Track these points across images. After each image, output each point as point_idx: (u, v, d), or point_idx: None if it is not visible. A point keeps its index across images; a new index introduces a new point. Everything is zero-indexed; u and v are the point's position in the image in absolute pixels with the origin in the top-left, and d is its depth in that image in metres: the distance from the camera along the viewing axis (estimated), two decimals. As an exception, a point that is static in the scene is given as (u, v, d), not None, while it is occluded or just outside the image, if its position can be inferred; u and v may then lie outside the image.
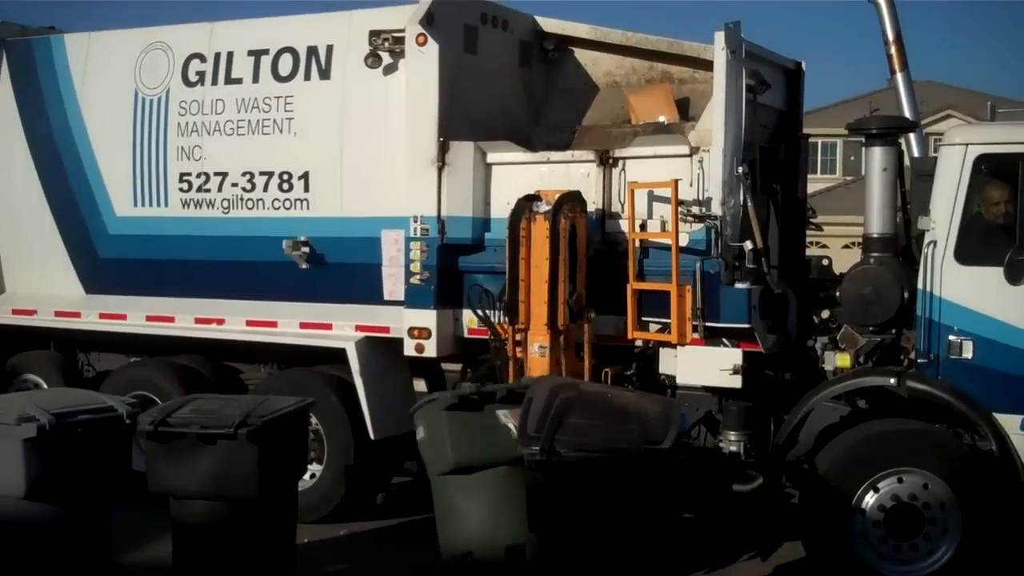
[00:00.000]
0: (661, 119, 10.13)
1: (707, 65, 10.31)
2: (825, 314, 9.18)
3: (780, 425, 9.15)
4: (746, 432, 9.01)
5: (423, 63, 9.69)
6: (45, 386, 11.65)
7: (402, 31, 9.77)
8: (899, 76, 9.69)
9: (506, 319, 9.25)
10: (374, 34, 9.87)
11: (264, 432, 7.41)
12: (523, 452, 7.03)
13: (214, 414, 7.57)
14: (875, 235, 8.59)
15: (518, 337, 9.12)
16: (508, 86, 10.74)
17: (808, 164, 10.15)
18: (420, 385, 10.67)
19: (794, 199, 9.81)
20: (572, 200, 9.13)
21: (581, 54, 11.04)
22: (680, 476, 7.51)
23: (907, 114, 9.75)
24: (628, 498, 7.10)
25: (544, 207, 9.01)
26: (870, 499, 8.00)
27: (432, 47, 9.65)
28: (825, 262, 10.22)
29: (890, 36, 9.70)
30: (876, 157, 8.60)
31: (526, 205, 9.08)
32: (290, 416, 7.87)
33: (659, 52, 10.67)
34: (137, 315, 11.19)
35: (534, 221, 8.97)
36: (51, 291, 11.73)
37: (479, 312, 9.48)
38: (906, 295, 8.32)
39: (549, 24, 10.95)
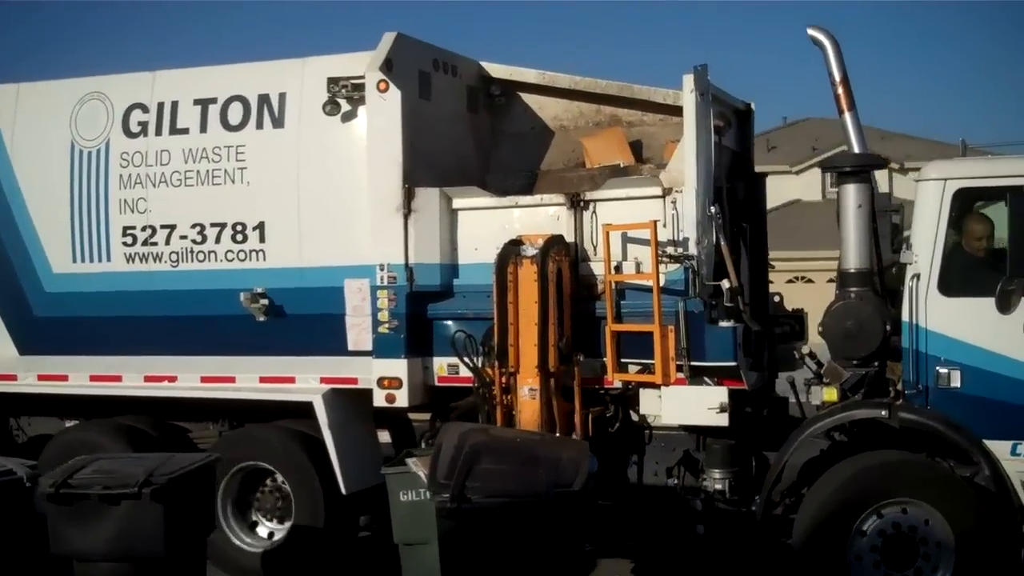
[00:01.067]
0: (617, 162, 10.18)
1: (656, 108, 10.57)
2: (805, 349, 9.31)
3: (760, 461, 9.29)
4: (730, 470, 9.07)
5: (385, 110, 9.57)
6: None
7: (362, 78, 9.64)
8: (847, 115, 9.85)
9: (491, 363, 9.17)
10: (332, 81, 9.72)
11: (169, 490, 7.30)
12: (433, 500, 7.07)
13: (116, 474, 7.45)
14: (852, 270, 8.76)
15: (505, 381, 9.07)
16: (459, 131, 10.68)
17: (766, 202, 10.31)
18: (384, 436, 10.54)
19: (758, 237, 9.94)
20: (558, 244, 9.17)
21: (528, 99, 11.04)
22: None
23: (856, 150, 9.93)
24: (540, 540, 7.10)
25: (531, 251, 9.04)
26: (868, 528, 8.14)
27: (394, 93, 9.55)
28: (776, 298, 10.44)
29: (836, 77, 9.88)
30: (850, 194, 8.79)
31: (512, 250, 9.09)
32: (196, 473, 7.76)
33: (607, 96, 10.75)
34: (80, 375, 10.75)
35: (521, 265, 8.96)
36: None
37: (466, 359, 9.35)
38: (888, 327, 8.49)
39: (495, 69, 10.93)
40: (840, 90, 9.87)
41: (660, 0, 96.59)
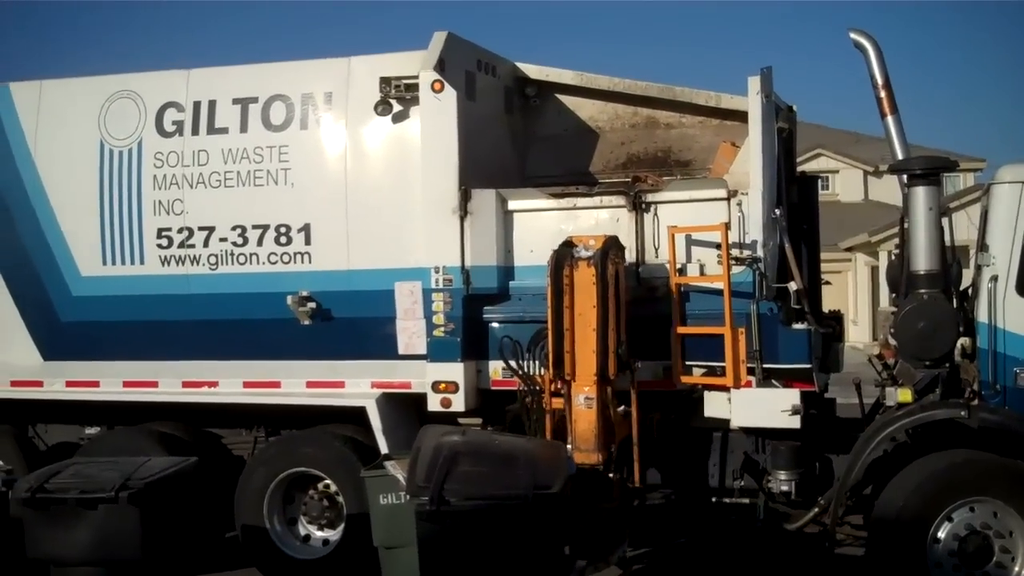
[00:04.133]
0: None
1: (694, 110, 10.56)
2: (875, 351, 9.36)
3: (823, 463, 9.32)
4: (796, 471, 9.08)
5: (441, 110, 9.45)
6: (3, 465, 10.70)
7: (415, 78, 9.50)
8: (890, 119, 9.96)
9: (542, 370, 9.01)
10: (384, 81, 9.56)
11: (146, 494, 7.26)
12: (412, 502, 7.00)
13: (93, 478, 7.40)
14: (922, 272, 8.82)
15: (556, 388, 8.87)
16: (498, 133, 10.59)
17: (818, 203, 10.36)
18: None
19: (811, 239, 9.99)
20: (615, 245, 8.99)
21: (562, 100, 10.97)
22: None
23: (899, 154, 10.04)
24: (519, 542, 7.06)
25: (586, 253, 8.79)
26: (945, 530, 8.20)
27: (450, 93, 9.43)
28: None
29: (879, 80, 9.97)
30: (920, 197, 8.85)
31: (567, 252, 8.84)
32: (174, 477, 7.70)
33: (646, 97, 10.71)
34: (112, 381, 10.46)
35: (577, 268, 8.69)
36: (1, 358, 10.85)
37: (513, 364, 9.22)
38: (960, 328, 8.58)
39: (531, 70, 10.84)
40: (883, 93, 9.97)
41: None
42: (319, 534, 10.08)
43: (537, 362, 9.16)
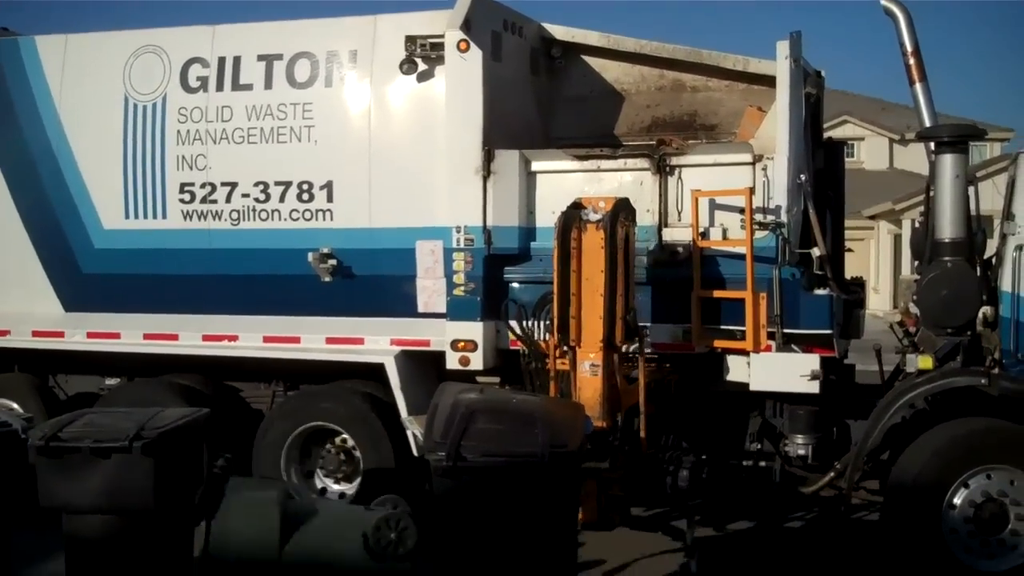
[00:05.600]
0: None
1: (722, 73, 10.48)
2: (896, 318, 9.34)
3: (841, 428, 9.33)
4: (814, 436, 9.08)
5: (466, 70, 9.42)
6: (21, 411, 10.79)
7: (441, 36, 9.47)
8: (918, 86, 9.89)
9: (547, 335, 8.84)
10: (410, 40, 9.53)
11: (159, 444, 7.20)
12: (429, 458, 6.97)
13: (107, 428, 7.33)
14: (947, 240, 8.78)
15: (560, 354, 8.61)
16: (524, 94, 10.53)
17: (844, 170, 10.31)
18: (448, 399, 10.42)
19: (836, 205, 9.95)
20: (625, 208, 8.70)
21: (588, 62, 10.91)
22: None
23: (927, 121, 9.96)
24: (534, 500, 6.97)
25: (594, 215, 8.47)
26: (961, 496, 8.19)
27: (475, 53, 9.39)
28: None
29: (908, 48, 9.89)
30: (947, 164, 8.79)
31: (575, 214, 8.52)
32: (186, 428, 7.62)
33: (673, 60, 10.64)
34: (133, 333, 10.52)
35: (585, 231, 8.38)
36: (23, 309, 10.94)
37: (517, 329, 9.14)
38: (984, 297, 8.55)
39: (558, 31, 10.77)
40: (912, 61, 9.90)
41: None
42: (335, 487, 10.13)
43: (543, 325, 9.01)
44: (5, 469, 7.76)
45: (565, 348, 8.51)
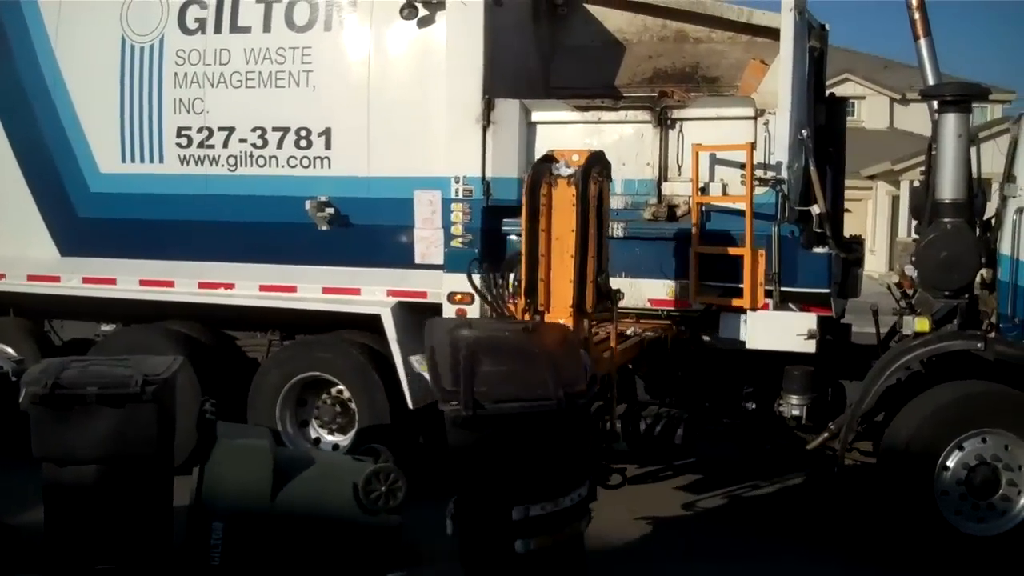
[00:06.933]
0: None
1: (725, 24, 10.36)
2: (893, 279, 9.29)
3: (836, 389, 9.31)
4: (809, 396, 9.05)
5: (467, 16, 9.31)
6: (14, 355, 10.75)
7: None
8: (922, 41, 9.78)
9: (512, 299, 8.42)
10: None
11: (162, 391, 7.22)
12: (444, 408, 6.63)
13: (109, 375, 7.27)
14: (947, 201, 8.70)
15: (528, 318, 7.88)
16: (524, 42, 10.40)
17: (845, 126, 10.22)
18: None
19: (836, 162, 9.87)
20: (599, 162, 8.06)
21: (590, 10, 10.77)
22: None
23: (930, 79, 9.87)
24: (553, 444, 6.79)
25: (566, 170, 7.81)
26: (954, 458, 8.18)
27: (477, 0, 9.27)
28: None
29: (914, 2, 9.79)
30: (950, 123, 8.69)
31: (545, 168, 7.89)
32: (176, 375, 7.59)
33: (675, 10, 10.52)
34: (129, 279, 10.45)
35: (555, 186, 7.76)
36: (19, 253, 10.87)
37: (479, 287, 8.79)
38: (983, 259, 8.50)
39: (562, -22, 10.65)
40: (916, 15, 9.79)
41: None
42: (329, 438, 10.11)
43: (509, 288, 8.57)
44: (-3, 412, 7.64)
45: (533, 313, 7.93)
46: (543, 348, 6.99)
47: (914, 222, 9.71)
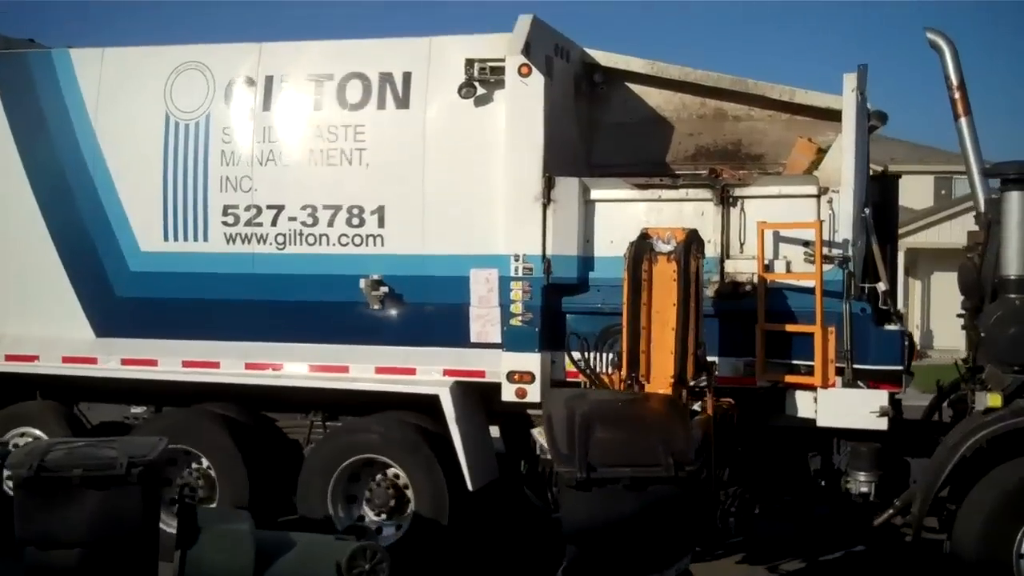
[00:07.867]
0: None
1: (764, 103, 10.44)
2: (963, 356, 9.31)
3: (901, 466, 9.28)
4: (876, 473, 9.00)
5: (527, 95, 9.30)
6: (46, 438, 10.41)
7: (501, 60, 9.35)
8: (963, 120, 9.92)
9: (613, 369, 8.68)
10: (469, 63, 9.40)
11: (148, 473, 7.23)
12: (560, 471, 6.94)
13: (93, 457, 7.29)
14: (1013, 277, 8.76)
15: (627, 389, 8.37)
16: (567, 119, 10.41)
17: (898, 203, 10.30)
18: (494, 431, 10.25)
19: (891, 238, 9.93)
20: (696, 240, 8.59)
21: (629, 88, 10.82)
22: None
23: (971, 157, 10.00)
24: (659, 512, 6.91)
25: (666, 247, 8.38)
26: None
27: (537, 78, 9.29)
28: None
29: (954, 81, 9.92)
30: (1015, 201, 8.78)
31: (647, 244, 8.43)
32: (161, 457, 7.63)
33: (715, 88, 10.59)
34: (171, 360, 10.21)
35: (656, 262, 8.30)
36: (51, 333, 10.58)
37: (580, 363, 8.93)
38: None
39: (601, 57, 10.66)
40: (957, 95, 9.91)
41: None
42: (376, 519, 9.85)
43: (607, 358, 8.85)
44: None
45: (635, 384, 8.28)
46: (654, 418, 7.08)
47: (963, 298, 9.76)
